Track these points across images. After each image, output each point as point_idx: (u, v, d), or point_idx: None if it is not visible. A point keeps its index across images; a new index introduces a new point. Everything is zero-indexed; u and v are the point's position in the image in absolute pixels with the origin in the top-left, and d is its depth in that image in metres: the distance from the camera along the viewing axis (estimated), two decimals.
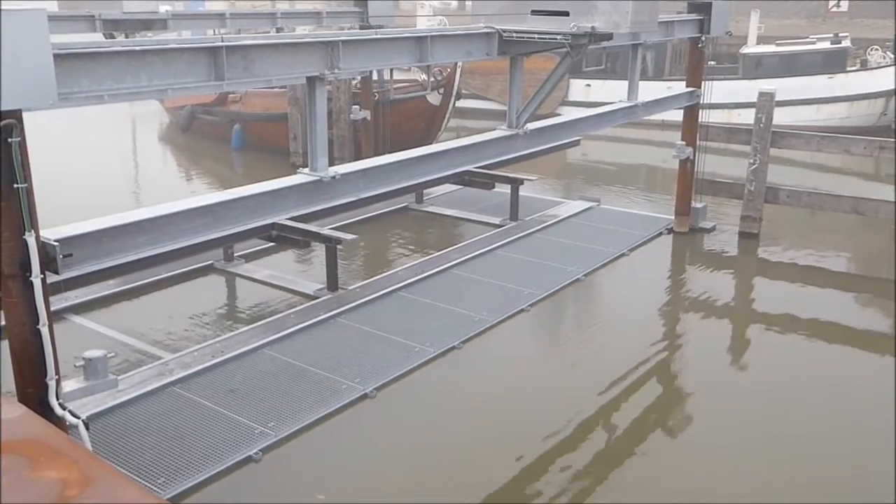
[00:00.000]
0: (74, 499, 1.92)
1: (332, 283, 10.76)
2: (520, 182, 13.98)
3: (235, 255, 11.92)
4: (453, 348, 9.17)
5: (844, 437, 7.65)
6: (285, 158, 19.51)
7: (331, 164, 7.56)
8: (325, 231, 10.56)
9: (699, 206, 13.83)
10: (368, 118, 18.75)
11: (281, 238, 10.69)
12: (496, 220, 14.19)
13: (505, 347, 9.58)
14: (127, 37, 14.79)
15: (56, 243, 5.20)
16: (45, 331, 5.05)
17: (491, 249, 12.52)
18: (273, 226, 10.67)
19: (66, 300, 9.80)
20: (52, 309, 5.30)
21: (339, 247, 10.68)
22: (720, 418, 8.03)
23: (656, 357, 9.43)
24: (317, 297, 10.58)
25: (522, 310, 10.32)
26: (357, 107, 18.76)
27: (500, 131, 9.70)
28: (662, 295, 11.45)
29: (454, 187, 14.70)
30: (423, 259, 12.10)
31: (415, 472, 7.14)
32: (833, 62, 24.22)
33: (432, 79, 19.34)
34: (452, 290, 10.86)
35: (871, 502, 6.47)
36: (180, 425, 7.35)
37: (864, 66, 24.86)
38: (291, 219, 10.92)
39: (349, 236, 10.66)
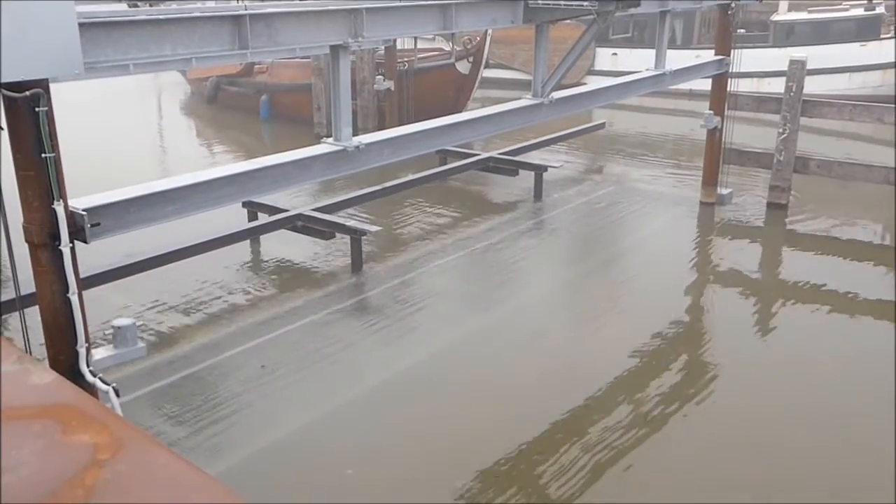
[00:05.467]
0: (106, 462, 1.95)
1: (357, 268, 10.86)
2: (543, 169, 14.05)
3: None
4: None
5: (869, 405, 7.60)
6: (312, 129, 19.50)
7: (355, 134, 7.53)
8: (351, 223, 10.72)
9: (725, 192, 13.56)
10: (392, 88, 18.65)
11: (307, 229, 10.83)
12: (521, 199, 14.14)
13: (521, 330, 9.59)
14: (151, 6, 14.77)
15: (84, 212, 5.22)
16: (74, 299, 5.09)
17: (511, 231, 12.49)
18: (299, 216, 10.85)
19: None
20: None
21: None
22: (747, 386, 8.01)
23: (681, 327, 9.39)
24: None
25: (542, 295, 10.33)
26: (381, 77, 18.67)
27: (525, 100, 9.60)
28: (687, 266, 11.35)
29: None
30: (445, 240, 12.11)
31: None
32: (866, 29, 23.63)
33: (458, 48, 19.20)
34: (473, 271, 10.90)
35: (871, 502, 6.40)
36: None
37: None
38: (316, 209, 11.15)
39: (373, 227, 10.77)
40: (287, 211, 11.04)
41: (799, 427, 7.30)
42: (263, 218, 11.28)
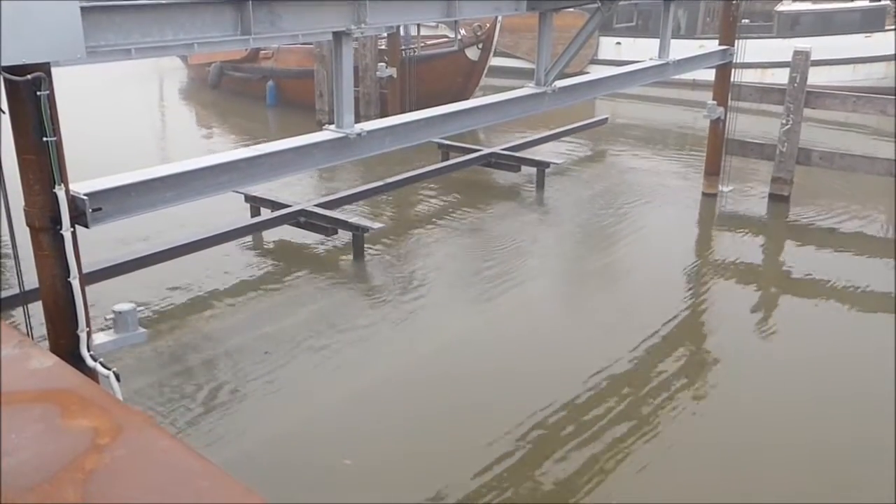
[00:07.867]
0: (106, 446, 1.95)
1: (359, 259, 10.86)
2: (546, 165, 14.09)
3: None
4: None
5: (869, 402, 7.60)
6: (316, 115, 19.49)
7: (357, 121, 7.50)
8: (353, 219, 10.72)
9: (727, 189, 13.52)
10: (395, 76, 18.62)
11: (309, 225, 10.84)
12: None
13: (520, 322, 9.60)
14: None
15: (86, 197, 5.22)
16: (75, 283, 5.09)
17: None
18: (301, 212, 10.88)
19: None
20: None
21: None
22: (746, 382, 8.02)
23: (681, 321, 9.39)
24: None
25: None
26: (383, 64, 18.64)
27: (528, 89, 9.56)
28: (688, 256, 11.35)
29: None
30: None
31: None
32: (871, 20, 23.53)
33: (468, 34, 19.24)
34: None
35: (871, 502, 6.41)
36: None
37: None
38: (318, 205, 11.16)
39: (376, 225, 10.75)
40: (289, 206, 11.09)
41: (799, 425, 7.31)
42: (266, 213, 11.35)
